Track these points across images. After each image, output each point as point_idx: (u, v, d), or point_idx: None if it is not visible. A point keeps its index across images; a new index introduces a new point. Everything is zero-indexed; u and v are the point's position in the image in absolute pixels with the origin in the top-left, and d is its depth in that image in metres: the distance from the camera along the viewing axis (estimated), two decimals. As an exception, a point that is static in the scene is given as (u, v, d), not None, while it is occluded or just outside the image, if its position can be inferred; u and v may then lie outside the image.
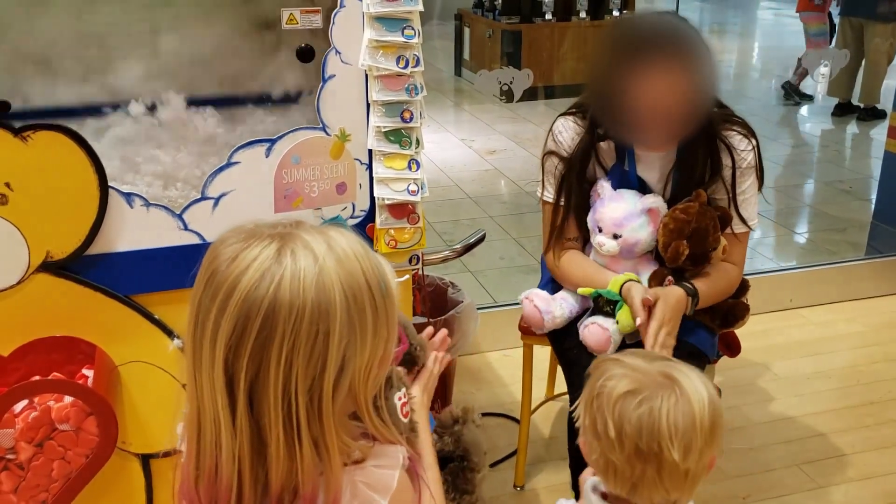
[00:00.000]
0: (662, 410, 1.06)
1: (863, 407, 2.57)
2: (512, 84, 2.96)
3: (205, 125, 1.62)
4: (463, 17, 6.65)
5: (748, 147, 1.76)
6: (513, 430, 2.36)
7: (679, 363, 1.14)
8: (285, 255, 0.86)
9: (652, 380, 1.09)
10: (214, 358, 0.87)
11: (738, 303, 1.82)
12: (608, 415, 1.08)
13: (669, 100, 1.61)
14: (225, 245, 0.90)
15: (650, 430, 1.05)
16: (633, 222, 1.70)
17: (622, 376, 1.10)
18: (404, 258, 1.72)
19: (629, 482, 1.10)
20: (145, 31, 1.59)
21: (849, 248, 3.73)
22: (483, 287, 3.25)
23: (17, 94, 1.49)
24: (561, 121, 1.84)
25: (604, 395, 1.10)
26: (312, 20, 1.54)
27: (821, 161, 5.35)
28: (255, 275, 0.85)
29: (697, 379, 1.10)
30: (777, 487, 2.21)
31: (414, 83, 1.59)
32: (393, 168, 1.63)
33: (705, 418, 1.07)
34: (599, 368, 1.14)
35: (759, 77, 7.98)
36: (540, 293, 1.80)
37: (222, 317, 0.86)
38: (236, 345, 0.86)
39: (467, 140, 5.37)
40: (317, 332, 0.85)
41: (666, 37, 1.63)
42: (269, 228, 0.90)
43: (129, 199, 1.49)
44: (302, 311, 0.85)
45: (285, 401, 0.87)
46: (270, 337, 0.85)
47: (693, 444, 1.06)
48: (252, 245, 0.88)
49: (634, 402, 1.07)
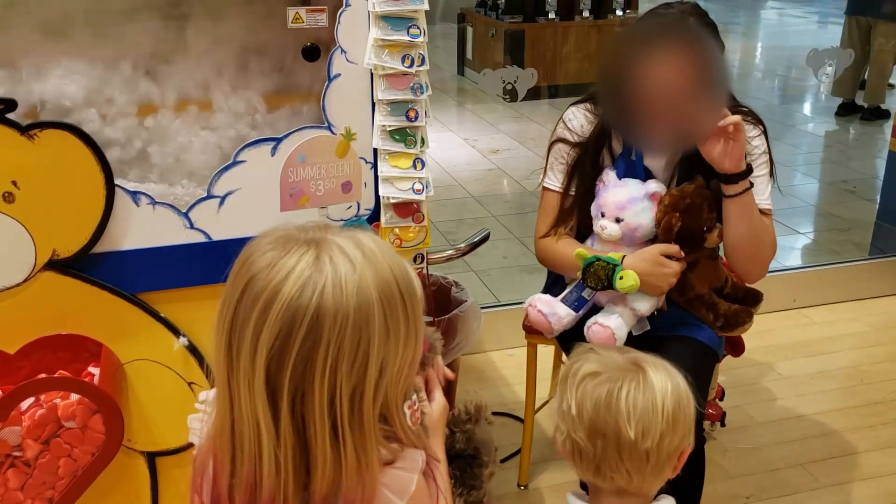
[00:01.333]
0: (622, 391, 1.10)
1: (867, 407, 2.57)
2: (516, 83, 2.97)
3: (212, 122, 1.62)
4: (466, 16, 6.65)
5: (756, 133, 1.76)
6: (516, 430, 2.36)
7: (654, 358, 1.17)
8: (325, 262, 0.86)
9: (618, 366, 1.14)
10: (255, 366, 0.87)
11: (742, 309, 1.81)
12: (571, 393, 1.13)
13: (675, 103, 1.60)
14: (260, 252, 0.89)
15: (607, 406, 1.10)
16: (635, 206, 1.70)
17: (591, 360, 1.15)
18: (409, 257, 1.72)
19: (592, 463, 1.13)
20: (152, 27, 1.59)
21: (853, 249, 3.73)
22: (486, 286, 3.25)
23: (25, 90, 1.49)
24: (572, 109, 1.85)
25: (569, 376, 1.15)
26: (318, 19, 1.54)
27: (825, 161, 5.34)
28: (298, 282, 0.85)
29: (665, 371, 1.14)
30: (781, 487, 2.21)
31: (419, 82, 1.59)
32: (398, 167, 1.63)
33: (667, 402, 1.10)
34: (574, 354, 1.19)
35: (762, 77, 7.97)
36: (542, 297, 1.80)
37: (264, 324, 0.86)
38: (279, 353, 0.86)
39: (470, 139, 5.37)
40: (359, 338, 0.86)
41: (677, 37, 1.62)
42: (302, 233, 0.90)
43: (135, 198, 1.50)
44: (346, 318, 0.85)
45: (331, 408, 0.87)
46: (316, 345, 0.85)
47: (652, 426, 1.09)
48: (291, 252, 0.87)
49: (595, 381, 1.12)
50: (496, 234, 3.04)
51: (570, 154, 1.82)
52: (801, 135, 5.86)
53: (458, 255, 2.15)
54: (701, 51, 1.61)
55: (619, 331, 1.69)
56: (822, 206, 4.53)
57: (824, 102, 6.27)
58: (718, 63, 1.66)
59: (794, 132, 5.83)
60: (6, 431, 1.42)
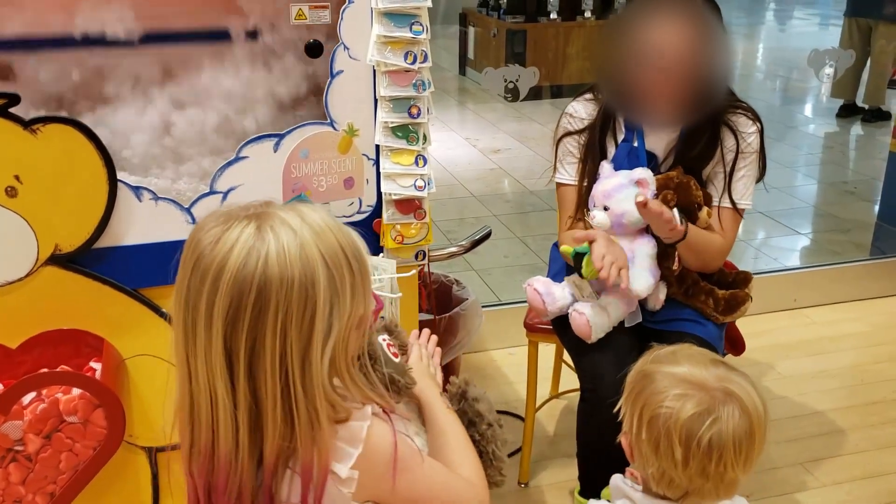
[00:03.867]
0: (729, 430, 1.06)
1: (867, 406, 2.57)
2: (518, 82, 2.97)
3: (213, 120, 1.62)
4: (467, 16, 6.66)
5: (752, 129, 1.79)
6: (517, 428, 2.36)
7: (729, 367, 1.13)
8: (266, 232, 0.91)
9: (714, 396, 1.07)
10: (212, 336, 0.91)
11: (738, 291, 1.83)
12: (675, 437, 1.07)
13: (675, 66, 1.62)
14: (204, 231, 0.94)
15: (719, 453, 1.06)
16: (620, 193, 1.71)
17: (685, 397, 1.07)
18: (410, 254, 1.72)
19: (682, 491, 1.11)
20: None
21: (853, 249, 3.73)
22: (487, 285, 3.25)
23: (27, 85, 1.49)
24: (573, 103, 1.87)
25: (667, 416, 1.07)
26: (321, 16, 1.55)
27: (825, 162, 5.35)
28: (242, 253, 0.90)
29: (750, 386, 1.11)
30: (780, 486, 2.21)
31: (421, 79, 1.60)
32: (400, 164, 1.64)
33: (763, 429, 1.09)
34: (654, 382, 1.11)
35: (763, 78, 7.98)
36: (541, 278, 1.81)
37: (216, 296, 0.90)
38: (233, 320, 0.90)
39: (472, 139, 5.37)
40: (306, 300, 0.91)
41: (679, 6, 1.64)
42: (243, 210, 0.95)
43: (137, 193, 1.50)
44: (291, 281, 0.90)
45: (282, 369, 0.92)
46: (265, 309, 0.90)
47: (752, 456, 1.09)
48: (232, 226, 0.92)
49: (704, 425, 1.06)
50: (497, 233, 3.04)
51: (580, 141, 1.83)
52: (802, 136, 5.87)
53: (461, 252, 2.15)
54: (700, 17, 1.64)
55: (594, 318, 1.70)
56: (823, 206, 4.53)
57: (825, 104, 6.28)
58: (718, 31, 1.68)
59: (794, 133, 5.83)
60: (8, 426, 1.42)
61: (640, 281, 1.71)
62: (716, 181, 1.81)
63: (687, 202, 1.73)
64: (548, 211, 2.00)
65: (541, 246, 3.57)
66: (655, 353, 1.17)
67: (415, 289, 1.78)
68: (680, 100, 1.69)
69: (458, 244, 2.17)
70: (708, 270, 1.84)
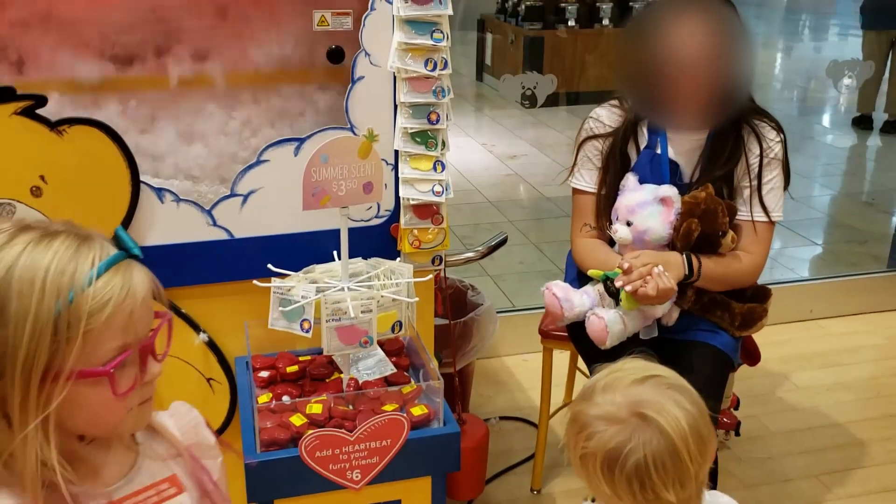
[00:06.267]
0: (647, 455, 1.05)
1: (883, 419, 2.55)
2: (535, 89, 2.98)
3: (236, 122, 1.64)
4: (485, 22, 6.67)
5: (777, 138, 1.79)
6: (530, 435, 2.37)
7: (653, 383, 1.11)
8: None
9: (627, 427, 1.07)
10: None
11: (756, 306, 1.81)
12: (598, 473, 1.08)
13: (699, 64, 1.63)
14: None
15: (641, 480, 1.06)
16: (644, 210, 1.71)
17: (600, 433, 1.08)
18: (427, 258, 1.73)
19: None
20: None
21: (870, 261, 3.71)
22: (502, 291, 3.25)
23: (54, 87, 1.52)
24: (598, 108, 1.88)
25: (589, 455, 1.09)
26: (343, 22, 1.56)
27: (843, 173, 5.32)
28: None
29: (671, 403, 1.08)
30: (794, 498, 2.20)
31: (441, 86, 1.61)
32: (418, 169, 1.65)
33: (690, 445, 1.06)
34: (576, 423, 1.12)
35: (781, 87, 7.94)
36: (560, 283, 1.81)
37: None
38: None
39: (488, 145, 5.39)
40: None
41: (700, 6, 1.66)
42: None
43: (159, 195, 1.52)
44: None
45: None
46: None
47: (686, 474, 1.07)
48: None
49: (620, 457, 1.06)
50: (512, 239, 3.04)
51: (602, 147, 1.83)
52: (820, 146, 5.84)
53: (478, 258, 2.16)
54: (721, 15, 1.65)
55: (613, 326, 1.69)
56: (840, 217, 4.51)
57: (843, 115, 6.24)
58: (739, 30, 1.69)
59: (812, 144, 5.81)
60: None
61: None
62: (744, 194, 1.79)
63: (711, 230, 1.71)
64: (563, 218, 2.00)
65: (556, 252, 3.57)
66: (582, 389, 1.17)
67: (431, 293, 1.79)
68: (705, 100, 1.69)
69: (475, 249, 2.17)
70: (738, 288, 1.83)
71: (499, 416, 2.53)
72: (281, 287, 1.46)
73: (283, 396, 1.50)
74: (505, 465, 2.30)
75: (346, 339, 1.45)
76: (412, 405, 1.49)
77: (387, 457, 1.44)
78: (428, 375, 1.57)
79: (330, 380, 1.57)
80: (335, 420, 1.43)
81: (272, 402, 1.48)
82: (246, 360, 1.61)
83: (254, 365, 1.59)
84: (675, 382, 1.12)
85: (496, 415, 2.53)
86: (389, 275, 1.53)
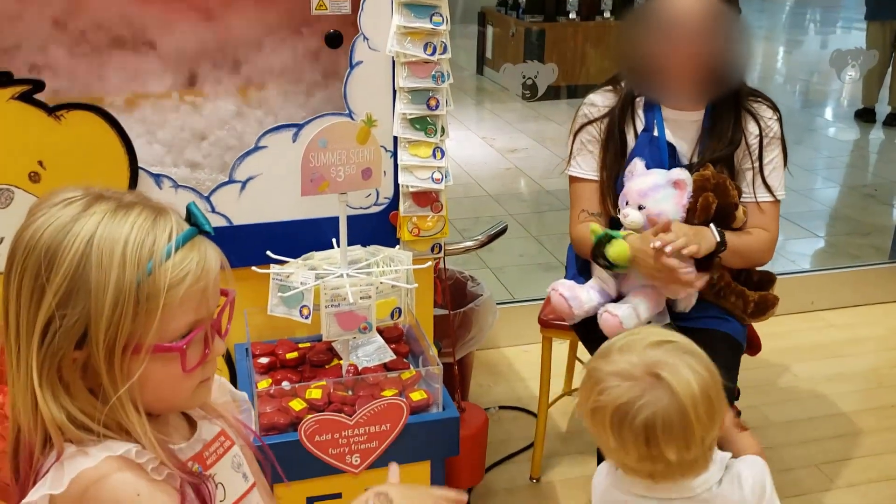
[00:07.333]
0: (656, 414, 1.08)
1: (884, 409, 2.55)
2: (536, 78, 2.96)
3: (233, 109, 1.64)
4: (486, 15, 6.65)
5: (773, 116, 1.80)
6: (529, 424, 2.36)
7: (669, 347, 1.14)
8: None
9: (640, 384, 1.10)
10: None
11: (768, 294, 1.82)
12: (607, 426, 1.11)
13: (696, 38, 1.64)
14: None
15: (646, 436, 1.09)
16: (657, 193, 1.70)
17: (613, 388, 1.11)
18: (427, 246, 1.73)
19: (647, 476, 1.15)
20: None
21: (872, 252, 3.70)
22: (502, 283, 3.25)
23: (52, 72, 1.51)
24: (592, 95, 1.87)
25: (599, 408, 1.12)
26: (341, 6, 1.56)
27: (845, 165, 5.31)
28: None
29: (684, 366, 1.11)
30: (795, 487, 2.20)
31: (441, 70, 1.60)
32: (417, 155, 1.64)
33: (699, 408, 1.09)
34: (590, 379, 1.15)
35: (784, 81, 7.92)
36: (565, 282, 1.80)
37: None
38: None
39: (488, 138, 5.37)
40: (37, 274, 0.84)
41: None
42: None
43: (158, 181, 1.52)
44: (33, 249, 0.85)
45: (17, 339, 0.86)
46: (19, 272, 0.86)
47: (692, 436, 1.09)
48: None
49: (629, 412, 1.09)
50: (513, 232, 3.04)
51: (599, 130, 1.82)
52: (823, 139, 5.82)
53: (477, 247, 2.15)
54: (721, 9, 1.66)
55: (627, 320, 1.69)
56: (842, 209, 4.50)
57: (846, 108, 6.22)
58: (734, 8, 1.70)
59: (815, 136, 5.79)
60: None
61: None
62: (747, 176, 1.79)
63: (725, 203, 1.71)
64: (563, 210, 1.99)
65: (556, 245, 3.57)
66: (600, 349, 1.20)
67: (430, 282, 1.78)
68: (699, 75, 1.69)
69: (474, 238, 2.17)
70: (756, 267, 1.83)
71: (498, 406, 2.53)
72: (280, 273, 1.45)
73: (282, 382, 1.49)
74: (504, 454, 2.30)
75: (345, 325, 1.45)
76: (411, 390, 1.49)
77: (386, 441, 1.44)
78: (427, 362, 1.57)
79: (329, 366, 1.56)
80: (335, 405, 1.43)
81: (272, 387, 1.47)
82: (245, 347, 1.61)
83: (253, 351, 1.59)
84: (690, 349, 1.14)
85: (496, 404, 2.53)
86: (388, 262, 1.53)
